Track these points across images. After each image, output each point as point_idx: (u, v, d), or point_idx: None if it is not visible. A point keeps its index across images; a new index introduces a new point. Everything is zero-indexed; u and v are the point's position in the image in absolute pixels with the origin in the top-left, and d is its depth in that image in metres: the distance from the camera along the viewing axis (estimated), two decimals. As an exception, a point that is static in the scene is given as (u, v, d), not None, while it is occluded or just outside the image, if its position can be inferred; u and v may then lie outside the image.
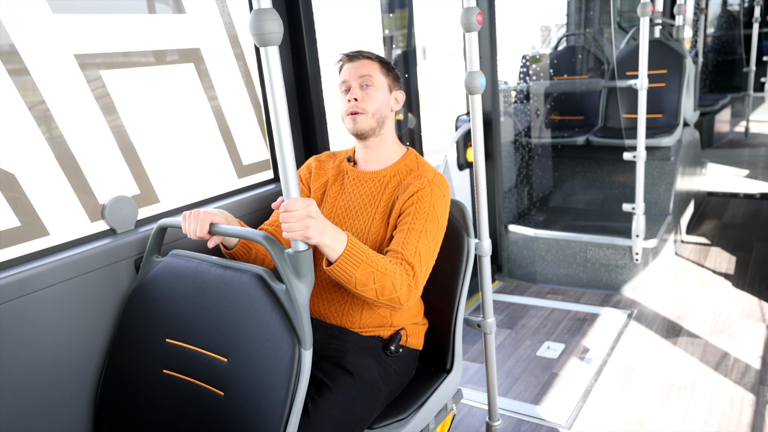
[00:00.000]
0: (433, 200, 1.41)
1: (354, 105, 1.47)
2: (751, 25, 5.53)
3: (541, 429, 2.02)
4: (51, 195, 1.43)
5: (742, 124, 5.90)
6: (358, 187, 1.53)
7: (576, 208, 3.67)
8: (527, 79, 3.92)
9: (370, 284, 1.26)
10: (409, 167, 1.52)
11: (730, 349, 2.38)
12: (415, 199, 1.41)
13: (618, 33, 4.45)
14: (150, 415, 1.28)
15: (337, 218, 1.52)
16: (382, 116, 1.50)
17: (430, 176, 1.46)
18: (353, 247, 1.24)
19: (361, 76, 1.47)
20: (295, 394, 1.09)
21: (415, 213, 1.39)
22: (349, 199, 1.52)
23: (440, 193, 1.43)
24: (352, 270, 1.24)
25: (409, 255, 1.35)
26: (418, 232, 1.37)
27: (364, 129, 1.48)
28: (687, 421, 1.98)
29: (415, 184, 1.44)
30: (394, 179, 1.50)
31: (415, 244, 1.36)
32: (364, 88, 1.48)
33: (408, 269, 1.34)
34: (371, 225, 1.47)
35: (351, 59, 1.51)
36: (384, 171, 1.52)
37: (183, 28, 1.75)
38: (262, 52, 0.98)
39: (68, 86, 1.46)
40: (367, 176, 1.53)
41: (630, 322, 2.68)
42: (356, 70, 1.48)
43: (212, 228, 1.27)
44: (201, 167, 1.85)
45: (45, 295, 1.31)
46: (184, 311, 1.26)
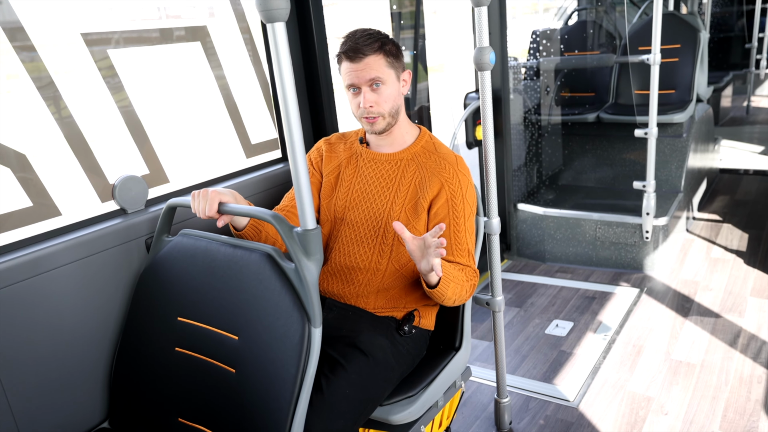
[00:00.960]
0: (463, 191, 1.45)
1: (369, 111, 1.42)
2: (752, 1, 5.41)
3: (550, 405, 2.04)
4: (62, 175, 1.44)
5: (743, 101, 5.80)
6: (374, 169, 1.51)
7: (586, 186, 3.64)
8: (537, 56, 3.86)
9: (453, 297, 1.39)
10: (427, 149, 1.51)
11: (740, 326, 2.37)
12: (448, 198, 1.44)
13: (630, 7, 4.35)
14: (163, 392, 1.30)
15: (354, 201, 1.51)
16: (396, 109, 1.46)
17: (452, 161, 1.47)
18: (447, 271, 1.34)
19: (371, 79, 1.39)
20: (305, 371, 1.11)
21: (453, 213, 1.44)
22: (366, 182, 1.51)
23: (467, 181, 1.47)
24: (445, 290, 1.35)
25: (464, 259, 1.45)
26: (463, 232, 1.46)
27: (382, 129, 1.46)
28: (695, 397, 1.99)
29: (441, 175, 1.45)
30: (413, 163, 1.49)
31: (465, 245, 1.46)
32: (374, 89, 1.41)
33: (469, 272, 1.45)
34: (391, 209, 1.46)
35: (353, 59, 1.39)
36: (401, 154, 1.51)
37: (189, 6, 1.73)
38: (269, 28, 0.96)
39: (76, 65, 1.45)
40: (383, 158, 1.51)
41: (639, 300, 2.67)
42: (363, 72, 1.39)
43: (221, 207, 1.27)
44: (209, 147, 1.85)
45: (58, 275, 1.33)
46: (195, 290, 1.28)
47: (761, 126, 5.41)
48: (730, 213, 3.55)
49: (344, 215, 1.51)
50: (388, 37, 1.44)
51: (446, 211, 1.44)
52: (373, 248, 1.47)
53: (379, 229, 1.47)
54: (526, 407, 2.04)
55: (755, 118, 5.63)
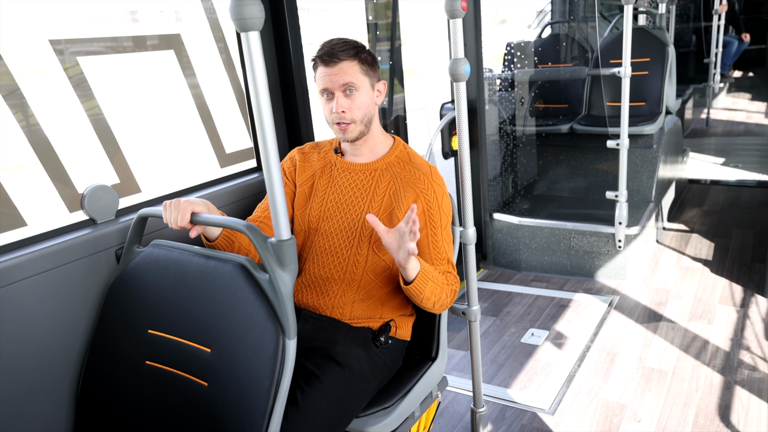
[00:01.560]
0: (439, 201, 1.46)
1: (341, 117, 1.41)
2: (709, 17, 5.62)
3: (525, 414, 2.04)
4: (28, 184, 1.40)
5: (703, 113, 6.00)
6: (349, 179, 1.51)
7: (560, 195, 3.69)
8: (512, 67, 3.92)
9: (432, 298, 1.38)
10: (402, 160, 1.51)
11: (709, 333, 2.42)
12: (424, 208, 1.44)
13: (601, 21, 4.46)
14: (133, 407, 1.27)
15: (328, 211, 1.50)
16: (369, 117, 1.46)
17: (426, 171, 1.47)
18: (424, 268, 1.34)
19: (344, 84, 1.39)
20: (279, 383, 1.09)
21: (430, 224, 1.45)
22: (340, 191, 1.50)
23: (442, 190, 1.48)
24: (422, 287, 1.34)
25: (444, 266, 1.46)
26: (441, 241, 1.46)
27: (354, 136, 1.45)
28: (667, 404, 2.02)
29: (416, 186, 1.45)
30: (387, 173, 1.49)
31: (444, 254, 1.46)
32: (347, 95, 1.41)
33: (450, 278, 1.45)
34: (364, 218, 1.46)
35: (328, 63, 1.40)
36: (375, 164, 1.50)
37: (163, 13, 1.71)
38: (243, 37, 0.96)
39: (44, 73, 1.42)
40: (357, 168, 1.51)
41: (612, 309, 2.71)
42: (337, 77, 1.39)
43: (194, 217, 1.25)
44: (183, 156, 1.83)
45: (23, 287, 1.28)
46: (167, 302, 1.25)
47: (721, 138, 5.58)
48: (699, 222, 3.64)
49: (318, 225, 1.50)
50: (364, 47, 1.45)
51: (423, 221, 1.45)
52: (348, 258, 1.46)
53: (354, 239, 1.46)
54: (503, 416, 2.04)
55: (715, 130, 5.81)
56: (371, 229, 1.45)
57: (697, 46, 6.49)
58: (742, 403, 1.99)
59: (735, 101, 6.79)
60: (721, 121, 6.04)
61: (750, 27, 6.85)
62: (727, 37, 6.21)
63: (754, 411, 1.95)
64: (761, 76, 7.39)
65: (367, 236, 1.45)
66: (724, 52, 5.89)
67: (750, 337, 2.37)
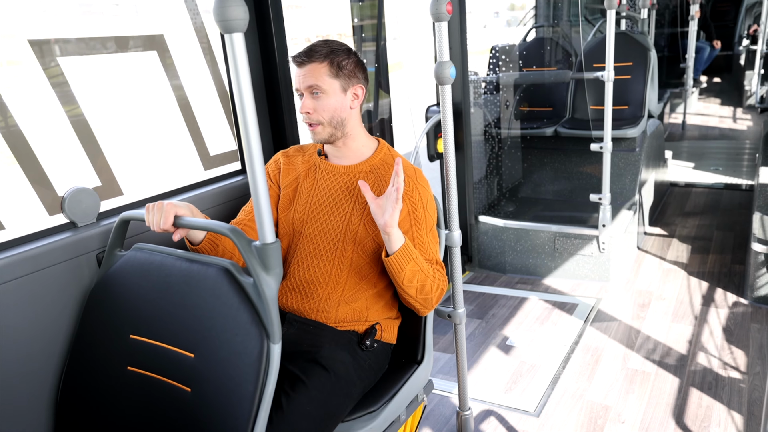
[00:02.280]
0: (424, 203, 1.47)
1: (308, 117, 1.44)
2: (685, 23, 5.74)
3: (511, 417, 2.05)
4: (6, 187, 1.37)
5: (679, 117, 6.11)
6: (332, 181, 1.50)
7: (545, 198, 3.72)
8: (497, 70, 3.94)
9: (415, 282, 1.39)
10: (386, 162, 1.51)
11: (691, 335, 2.45)
12: (409, 210, 1.45)
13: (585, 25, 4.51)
14: (114, 413, 1.24)
15: (312, 214, 1.49)
16: (340, 120, 1.45)
17: (411, 174, 1.48)
18: (408, 246, 1.36)
19: (309, 86, 1.41)
20: (264, 388, 1.08)
21: (415, 225, 1.46)
22: (324, 194, 1.50)
23: (426, 192, 1.48)
24: (404, 263, 1.35)
25: (432, 265, 1.46)
26: (426, 243, 1.47)
27: (324, 138, 1.46)
28: (651, 405, 2.04)
29: None
30: (371, 175, 1.49)
31: (432, 254, 1.47)
32: (314, 96, 1.42)
33: (437, 273, 1.45)
34: (349, 221, 1.46)
35: (299, 64, 1.42)
36: (359, 166, 1.50)
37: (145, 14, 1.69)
38: (227, 39, 0.95)
39: (23, 73, 1.39)
40: (341, 170, 1.51)
41: (597, 311, 2.74)
42: (304, 78, 1.41)
43: (177, 220, 1.23)
44: (166, 158, 1.81)
45: (1, 291, 1.26)
46: (149, 306, 1.23)
47: (698, 141, 5.67)
48: (681, 224, 3.69)
49: (302, 228, 1.49)
50: (345, 51, 1.43)
51: (408, 224, 1.45)
52: (333, 261, 1.45)
53: (338, 242, 1.46)
54: (488, 419, 2.05)
55: (691, 133, 5.91)
56: (355, 230, 1.44)
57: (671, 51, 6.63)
58: (724, 403, 2.02)
59: (706, 106, 6.93)
60: (695, 125, 6.15)
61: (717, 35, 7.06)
62: (699, 43, 6.35)
63: (735, 411, 1.98)
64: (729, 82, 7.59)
65: (351, 238, 1.44)
66: (696, 57, 6.02)
67: (731, 339, 2.40)
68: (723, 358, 2.27)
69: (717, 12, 7.61)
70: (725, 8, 7.62)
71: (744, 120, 6.26)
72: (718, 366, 2.22)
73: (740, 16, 7.54)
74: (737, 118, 6.35)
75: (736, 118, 6.38)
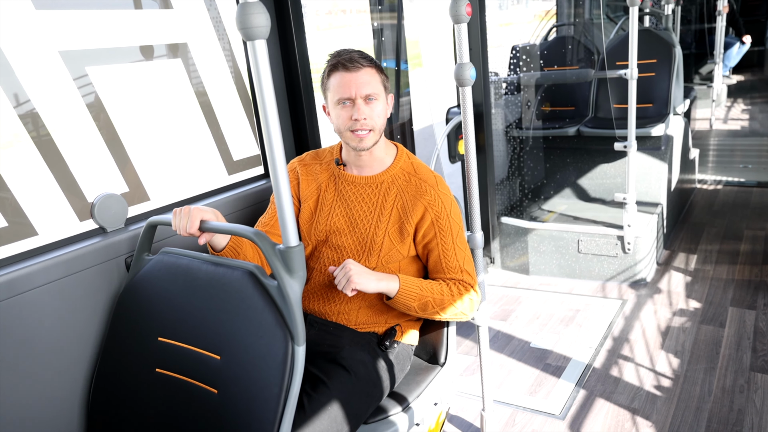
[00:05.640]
0: (448, 211, 1.45)
1: (363, 124, 1.39)
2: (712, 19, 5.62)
3: (536, 419, 2.03)
4: (39, 194, 1.41)
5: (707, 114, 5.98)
6: (356, 193, 1.48)
7: (568, 198, 3.68)
8: (518, 71, 3.92)
9: (429, 309, 1.42)
10: (406, 171, 1.49)
11: (721, 336, 2.40)
12: (433, 220, 1.44)
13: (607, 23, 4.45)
14: (143, 414, 1.27)
15: (336, 225, 1.48)
16: (383, 127, 1.45)
17: (432, 182, 1.46)
18: (406, 285, 1.39)
19: (368, 93, 1.37)
20: (289, 390, 1.09)
21: (440, 234, 1.44)
22: (347, 206, 1.48)
23: (449, 199, 1.47)
24: (410, 303, 1.40)
25: (456, 274, 1.45)
26: (452, 249, 1.45)
27: (369, 145, 1.43)
28: (679, 408, 2.00)
29: (424, 199, 1.44)
30: (394, 186, 1.47)
31: (456, 261, 1.45)
32: (368, 102, 1.39)
33: (461, 287, 1.45)
34: (375, 234, 1.45)
35: (349, 68, 1.37)
36: (381, 176, 1.49)
37: (170, 23, 1.73)
38: (249, 46, 0.96)
39: (54, 84, 1.44)
40: (363, 182, 1.49)
41: (622, 312, 2.69)
42: (361, 86, 1.36)
43: (203, 225, 1.26)
44: (191, 164, 1.84)
45: (35, 296, 1.30)
46: (176, 309, 1.26)
47: (726, 138, 5.54)
48: (709, 224, 3.61)
49: (327, 238, 1.49)
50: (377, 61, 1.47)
51: (433, 233, 1.44)
52: None
53: (363, 253, 1.46)
54: (513, 421, 2.03)
55: (719, 130, 5.78)
56: (380, 243, 1.45)
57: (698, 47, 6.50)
58: (756, 407, 1.97)
59: (737, 103, 6.77)
60: (724, 123, 6.01)
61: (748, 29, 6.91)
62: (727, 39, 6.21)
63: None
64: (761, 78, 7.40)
65: (376, 251, 1.45)
66: (725, 53, 5.89)
67: (763, 340, 2.34)
68: (755, 360, 2.22)
69: (748, 7, 7.45)
70: (756, 2, 7.46)
71: None
72: (750, 368, 2.17)
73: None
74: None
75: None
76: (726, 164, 4.76)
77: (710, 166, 4.74)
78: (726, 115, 5.89)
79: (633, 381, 2.18)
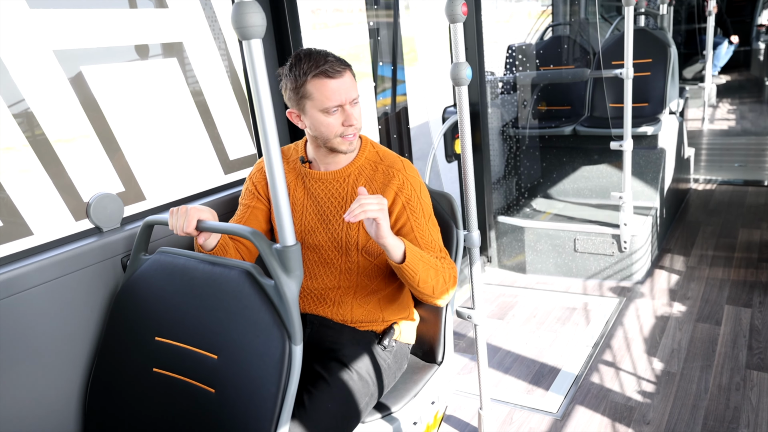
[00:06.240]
0: (418, 193, 1.43)
1: (354, 129, 1.38)
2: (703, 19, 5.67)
3: (533, 418, 2.04)
4: (34, 194, 1.41)
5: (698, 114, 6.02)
6: (324, 189, 1.47)
7: (564, 197, 3.68)
8: (514, 70, 3.92)
9: (430, 281, 1.36)
10: (372, 160, 1.47)
11: (717, 334, 2.41)
12: (404, 203, 1.41)
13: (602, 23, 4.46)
14: (140, 414, 1.27)
15: (310, 224, 1.46)
16: None
17: (400, 167, 1.45)
18: (411, 249, 1.33)
19: (354, 97, 1.36)
20: (286, 389, 1.09)
21: (413, 216, 1.42)
22: (318, 203, 1.46)
23: (418, 182, 1.45)
24: (416, 268, 1.32)
25: (437, 252, 1.43)
26: (426, 230, 1.43)
27: (355, 147, 1.43)
28: (676, 406, 2.01)
29: (393, 184, 1.42)
30: (361, 176, 1.46)
31: (433, 241, 1.44)
32: (354, 105, 1.38)
33: (444, 262, 1.42)
34: (348, 228, 1.44)
35: (333, 76, 1.33)
36: (347, 169, 1.46)
37: (165, 23, 1.73)
38: (245, 45, 0.96)
39: (49, 83, 1.43)
40: (330, 177, 1.46)
41: (619, 311, 2.70)
42: (347, 91, 1.34)
43: (199, 224, 1.26)
44: (187, 163, 1.84)
45: (31, 296, 1.29)
46: (173, 309, 1.25)
47: (719, 137, 5.57)
48: (705, 222, 3.63)
49: (303, 239, 1.48)
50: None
51: (406, 216, 1.43)
52: (339, 267, 1.45)
53: (342, 249, 1.44)
54: (510, 420, 2.04)
55: (712, 129, 5.80)
56: (355, 237, 1.43)
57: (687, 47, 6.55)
58: (752, 404, 1.98)
59: (726, 102, 6.81)
60: (715, 122, 6.04)
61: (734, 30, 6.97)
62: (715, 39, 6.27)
63: (764, 412, 1.93)
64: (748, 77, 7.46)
65: (353, 244, 1.43)
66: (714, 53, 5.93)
67: (758, 338, 2.35)
68: (751, 358, 2.23)
69: (733, 7, 7.52)
70: (741, 3, 7.53)
71: (766, 115, 6.14)
72: (746, 366, 2.18)
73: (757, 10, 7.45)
74: (759, 114, 6.23)
75: (758, 113, 6.25)
76: (720, 163, 4.78)
77: (705, 165, 4.76)
78: (712, 114, 5.92)
79: (630, 379, 2.18)
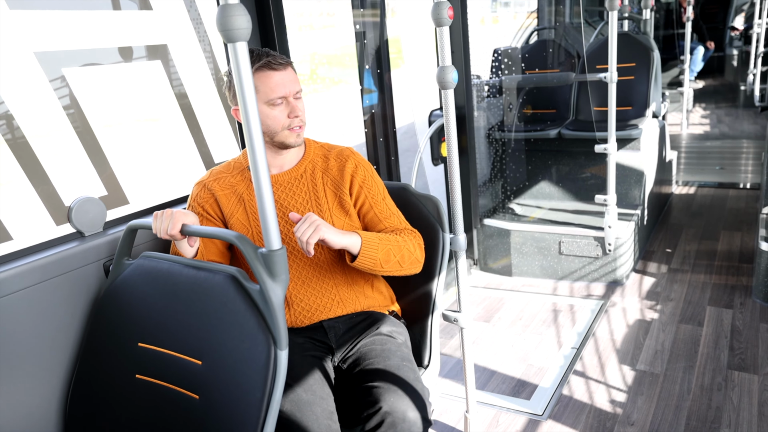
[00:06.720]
0: (370, 173, 1.52)
1: (300, 120, 1.41)
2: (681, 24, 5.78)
3: (519, 420, 2.04)
4: (13, 198, 1.38)
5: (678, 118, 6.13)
6: (285, 191, 1.47)
7: (550, 200, 3.71)
8: (500, 74, 3.95)
9: (392, 258, 1.41)
10: (321, 154, 1.53)
11: (699, 335, 2.44)
12: (361, 184, 1.49)
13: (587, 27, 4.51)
14: (123, 421, 1.25)
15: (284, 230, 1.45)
16: None
17: (348, 153, 1.53)
18: (366, 237, 1.38)
19: (298, 90, 1.40)
20: (271, 395, 1.08)
21: (370, 195, 1.50)
22: (282, 206, 1.46)
23: (368, 164, 1.55)
24: (375, 254, 1.37)
25: (398, 224, 1.49)
26: (384, 207, 1.51)
27: (302, 140, 1.47)
28: (659, 407, 2.03)
29: (347, 168, 1.49)
30: (317, 169, 1.50)
31: (392, 216, 1.51)
32: (297, 98, 1.41)
33: (408, 233, 1.49)
34: None
35: (277, 68, 1.37)
36: (301, 165, 1.49)
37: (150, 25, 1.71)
38: (230, 48, 0.95)
39: (29, 85, 1.41)
40: (287, 177, 1.48)
41: (604, 312, 2.72)
42: (291, 83, 1.39)
43: (184, 228, 1.24)
44: (171, 167, 1.82)
45: (10, 301, 1.27)
46: (157, 314, 1.24)
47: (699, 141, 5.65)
48: (687, 224, 3.67)
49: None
50: None
51: (364, 196, 1.49)
52: (319, 266, 1.47)
53: (317, 245, 1.43)
54: (496, 422, 2.04)
55: (691, 133, 5.90)
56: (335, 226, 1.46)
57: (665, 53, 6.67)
58: (733, 404, 2.00)
59: (702, 106, 6.94)
60: (695, 126, 6.15)
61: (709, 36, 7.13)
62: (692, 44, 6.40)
63: (745, 412, 1.96)
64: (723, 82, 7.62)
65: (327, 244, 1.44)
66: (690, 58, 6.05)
67: (739, 338, 2.39)
68: (732, 358, 2.26)
69: (706, 14, 7.70)
70: (714, 10, 7.72)
71: (742, 119, 6.26)
72: (727, 367, 2.21)
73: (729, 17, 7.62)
74: (735, 118, 6.35)
75: (734, 117, 6.38)
76: (701, 166, 4.85)
77: (685, 168, 4.83)
78: (687, 118, 6.02)
79: (614, 380, 2.20)
